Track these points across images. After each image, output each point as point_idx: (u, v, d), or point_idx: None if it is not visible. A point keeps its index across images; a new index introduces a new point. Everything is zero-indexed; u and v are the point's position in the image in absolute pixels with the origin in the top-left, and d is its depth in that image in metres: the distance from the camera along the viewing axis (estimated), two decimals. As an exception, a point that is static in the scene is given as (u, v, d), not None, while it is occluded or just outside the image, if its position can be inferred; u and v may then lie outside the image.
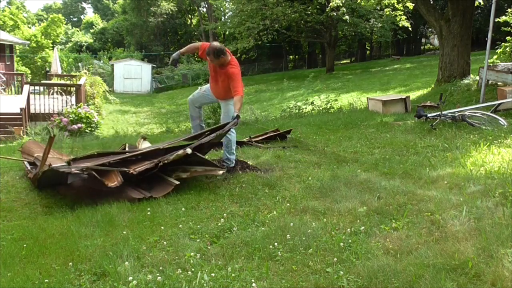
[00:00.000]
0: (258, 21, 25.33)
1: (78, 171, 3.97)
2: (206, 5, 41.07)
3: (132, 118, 19.08)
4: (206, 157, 5.35)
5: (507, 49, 13.31)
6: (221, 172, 4.49)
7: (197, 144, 4.50)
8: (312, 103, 12.12)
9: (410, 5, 19.42)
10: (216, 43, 4.64)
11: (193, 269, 2.62)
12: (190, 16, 47.89)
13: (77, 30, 53.91)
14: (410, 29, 26.97)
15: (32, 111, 12.40)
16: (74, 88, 13.73)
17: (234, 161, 4.97)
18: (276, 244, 2.87)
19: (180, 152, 4.32)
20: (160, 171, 4.43)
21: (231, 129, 4.79)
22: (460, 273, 2.35)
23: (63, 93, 13.54)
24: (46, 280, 2.57)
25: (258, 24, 25.33)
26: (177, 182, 4.25)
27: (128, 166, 4.35)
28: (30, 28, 43.86)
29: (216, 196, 4.00)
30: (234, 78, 4.56)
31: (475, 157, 4.57)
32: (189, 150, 4.32)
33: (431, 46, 44.78)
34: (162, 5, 42.83)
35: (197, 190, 4.19)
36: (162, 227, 3.30)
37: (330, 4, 22.87)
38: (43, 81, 19.85)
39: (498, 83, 9.37)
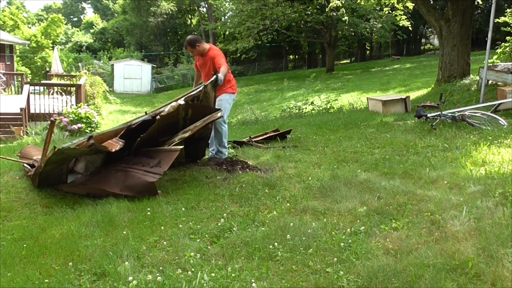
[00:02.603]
0: (258, 21, 25.31)
1: (84, 141, 3.99)
2: (206, 5, 41.06)
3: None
4: (206, 157, 5.39)
5: (507, 49, 13.30)
6: (219, 114, 4.60)
7: (188, 96, 4.56)
8: (312, 103, 12.12)
9: (410, 5, 19.42)
10: (189, 36, 5.07)
11: (193, 269, 2.63)
12: (190, 16, 47.88)
13: (77, 30, 53.91)
14: (410, 29, 26.96)
15: (32, 111, 12.40)
16: (74, 88, 13.72)
17: (226, 154, 5.12)
18: (276, 244, 2.87)
19: (174, 103, 4.39)
20: (159, 145, 4.50)
21: (223, 123, 5.02)
22: (460, 273, 2.35)
23: (63, 93, 13.53)
24: (46, 280, 2.58)
25: (258, 24, 25.31)
26: (180, 147, 4.29)
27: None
28: (30, 28, 43.87)
29: (216, 196, 4.00)
30: (216, 57, 4.92)
31: (475, 157, 4.57)
32: (181, 101, 4.40)
33: (431, 46, 44.78)
34: (162, 5, 42.81)
35: (197, 190, 4.19)
36: (162, 227, 3.30)
37: (330, 4, 22.87)
38: (43, 81, 19.84)
39: (498, 83, 9.37)
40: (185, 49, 5.18)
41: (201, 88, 4.65)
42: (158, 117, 4.35)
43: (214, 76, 4.62)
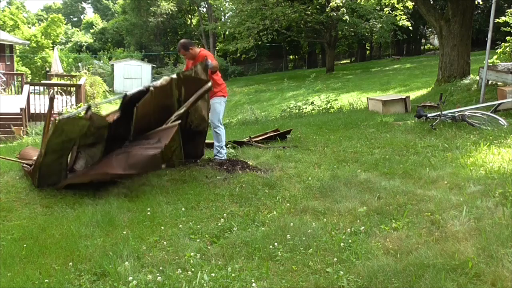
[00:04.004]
0: (258, 21, 25.30)
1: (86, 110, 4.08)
2: (206, 5, 41.04)
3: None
4: (205, 155, 5.40)
5: (507, 49, 13.29)
6: (209, 84, 4.71)
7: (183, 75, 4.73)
8: (312, 103, 12.12)
9: (410, 5, 19.42)
10: (183, 40, 5.30)
11: (193, 269, 2.63)
12: (190, 16, 47.84)
13: (77, 30, 53.89)
14: (410, 29, 26.93)
15: (32, 111, 12.40)
16: (74, 88, 13.73)
17: (225, 155, 5.29)
18: (276, 244, 2.87)
19: (166, 77, 4.58)
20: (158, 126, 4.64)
21: (219, 126, 5.24)
22: (460, 273, 2.35)
23: (63, 93, 13.53)
24: (46, 280, 2.58)
25: (258, 24, 25.29)
26: (178, 122, 4.39)
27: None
28: (30, 28, 43.84)
29: (216, 196, 4.01)
30: (208, 56, 5.06)
31: (475, 157, 4.57)
32: (174, 75, 4.59)
33: (431, 46, 44.74)
34: (162, 5, 42.78)
35: (197, 190, 4.19)
36: (162, 227, 3.31)
37: (330, 4, 22.85)
38: (43, 81, 19.84)
39: (498, 83, 9.37)
40: (178, 52, 5.36)
41: (192, 68, 4.84)
42: (151, 88, 4.46)
43: (205, 59, 4.78)
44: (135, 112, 4.48)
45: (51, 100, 4.41)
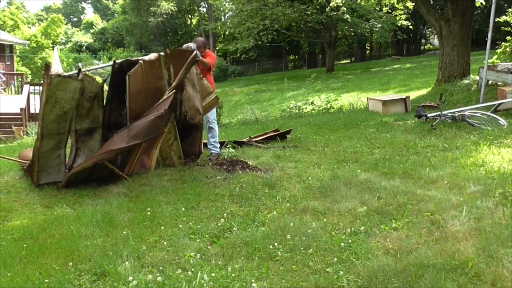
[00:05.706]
0: (258, 21, 25.32)
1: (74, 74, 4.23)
2: (206, 5, 41.06)
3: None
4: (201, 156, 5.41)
5: (507, 49, 13.30)
6: (194, 53, 4.78)
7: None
8: (312, 103, 12.12)
9: (410, 5, 19.44)
10: (202, 38, 5.69)
11: (193, 269, 2.63)
12: (190, 16, 47.86)
13: (77, 30, 53.89)
14: (410, 28, 26.94)
15: (32, 111, 12.40)
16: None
17: (218, 148, 5.56)
18: (276, 244, 2.87)
19: (155, 54, 4.78)
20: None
21: (214, 123, 5.50)
22: (460, 273, 2.35)
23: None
24: (46, 280, 2.58)
25: (258, 24, 25.31)
26: (173, 92, 4.52)
27: None
28: (30, 28, 43.83)
29: (216, 196, 4.01)
30: (208, 55, 5.52)
31: (475, 157, 4.57)
32: (162, 53, 4.79)
33: (431, 46, 44.74)
34: (162, 5, 42.80)
35: (197, 190, 4.19)
36: (162, 227, 3.31)
37: (330, 4, 22.86)
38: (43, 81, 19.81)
39: (498, 83, 9.37)
40: (198, 49, 5.35)
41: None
42: (141, 61, 4.56)
43: (195, 50, 4.87)
44: (128, 81, 4.52)
45: (47, 67, 4.43)
